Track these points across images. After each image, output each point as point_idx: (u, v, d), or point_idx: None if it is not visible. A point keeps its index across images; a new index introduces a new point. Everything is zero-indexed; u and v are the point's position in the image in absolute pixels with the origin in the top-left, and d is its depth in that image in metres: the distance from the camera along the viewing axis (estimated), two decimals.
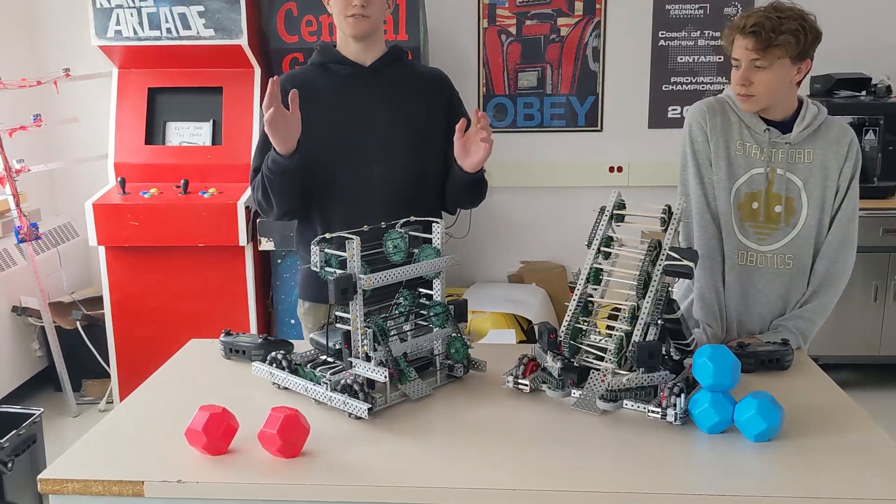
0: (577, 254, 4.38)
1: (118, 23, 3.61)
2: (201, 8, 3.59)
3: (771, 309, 2.14)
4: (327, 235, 1.72)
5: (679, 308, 1.74)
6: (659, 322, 1.69)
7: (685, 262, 1.68)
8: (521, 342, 3.76)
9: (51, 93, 3.90)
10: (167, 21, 3.60)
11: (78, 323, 3.91)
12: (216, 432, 1.51)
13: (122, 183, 3.64)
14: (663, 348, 1.71)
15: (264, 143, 2.13)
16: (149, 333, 3.68)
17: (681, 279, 1.82)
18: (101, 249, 3.68)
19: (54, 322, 3.85)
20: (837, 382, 1.87)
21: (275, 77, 1.95)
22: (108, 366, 3.82)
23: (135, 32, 3.62)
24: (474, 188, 2.21)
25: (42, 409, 2.89)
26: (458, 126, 2.06)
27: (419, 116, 2.22)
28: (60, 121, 4.04)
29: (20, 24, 4.18)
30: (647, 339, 1.67)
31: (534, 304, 4.06)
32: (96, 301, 3.93)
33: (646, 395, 1.66)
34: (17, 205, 3.67)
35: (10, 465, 2.64)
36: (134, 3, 3.59)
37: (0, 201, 3.83)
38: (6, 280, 3.84)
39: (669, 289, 1.73)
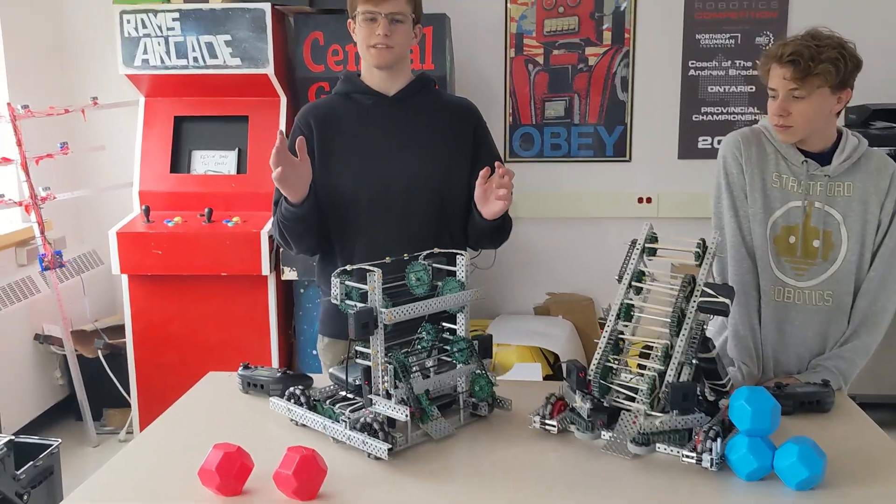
0: (605, 286, 4.33)
1: (145, 52, 3.62)
2: (228, 37, 3.59)
3: (809, 348, 2.06)
4: (348, 267, 1.67)
5: (714, 347, 1.67)
6: (693, 361, 1.61)
7: (721, 299, 1.61)
8: (547, 377, 3.68)
9: (78, 121, 3.92)
10: (194, 50, 3.61)
11: (100, 352, 3.89)
12: (230, 472, 1.45)
13: (147, 211, 3.63)
14: (698, 389, 1.63)
15: None
16: (170, 362, 3.65)
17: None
18: (124, 277, 3.67)
19: (76, 350, 3.84)
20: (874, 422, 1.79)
21: (281, 130, 1.92)
22: (129, 395, 3.79)
23: (162, 61, 3.63)
24: (495, 233, 2.15)
25: (60, 440, 2.86)
26: (482, 172, 1.99)
27: (443, 147, 2.17)
28: (87, 149, 4.06)
29: (50, 54, 4.22)
30: (681, 380, 1.60)
31: (560, 337, 3.98)
32: (119, 329, 3.91)
33: (680, 439, 1.58)
34: (42, 232, 3.68)
35: (25, 497, 2.60)
36: (161, 32, 3.60)
37: (25, 229, 3.84)
38: (29, 308, 3.84)
39: (704, 326, 1.66)
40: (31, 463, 2.66)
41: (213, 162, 3.82)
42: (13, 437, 2.65)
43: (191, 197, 3.71)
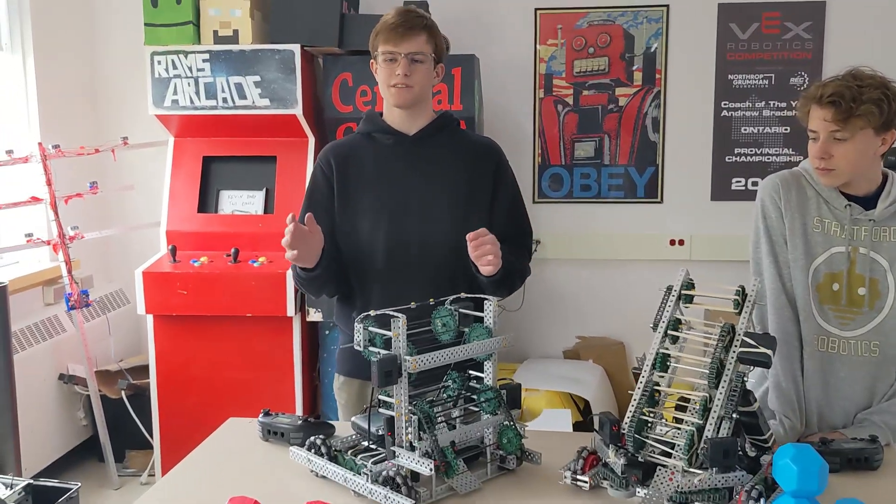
0: (636, 329, 4.23)
1: (175, 92, 3.64)
2: (257, 78, 3.60)
3: (855, 401, 1.96)
4: (371, 312, 1.61)
5: (756, 400, 1.58)
6: (734, 416, 1.53)
7: (762, 350, 1.53)
8: (577, 423, 3.58)
9: (108, 160, 3.93)
10: (223, 91, 3.62)
11: (123, 392, 3.86)
12: None
13: (173, 251, 3.61)
14: (738, 444, 1.54)
15: (305, 211, 2.08)
16: (194, 404, 3.60)
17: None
18: (150, 317, 3.64)
19: (100, 391, 3.80)
20: None
21: (293, 216, 1.88)
22: (152, 437, 3.74)
23: (191, 102, 3.64)
24: (497, 286, 2.06)
25: (79, 484, 2.79)
26: (468, 235, 1.93)
27: (462, 188, 2.13)
28: (116, 188, 4.07)
29: (82, 94, 4.26)
30: (720, 435, 1.52)
31: (591, 382, 3.88)
32: (143, 370, 3.88)
33: (720, 498, 1.49)
34: (69, 272, 3.67)
35: None
36: (191, 73, 3.62)
37: (52, 268, 3.84)
38: (55, 347, 3.82)
39: (744, 378, 1.57)
40: None
41: (240, 202, 3.81)
42: (31, 481, 2.60)
43: (218, 237, 3.70)
